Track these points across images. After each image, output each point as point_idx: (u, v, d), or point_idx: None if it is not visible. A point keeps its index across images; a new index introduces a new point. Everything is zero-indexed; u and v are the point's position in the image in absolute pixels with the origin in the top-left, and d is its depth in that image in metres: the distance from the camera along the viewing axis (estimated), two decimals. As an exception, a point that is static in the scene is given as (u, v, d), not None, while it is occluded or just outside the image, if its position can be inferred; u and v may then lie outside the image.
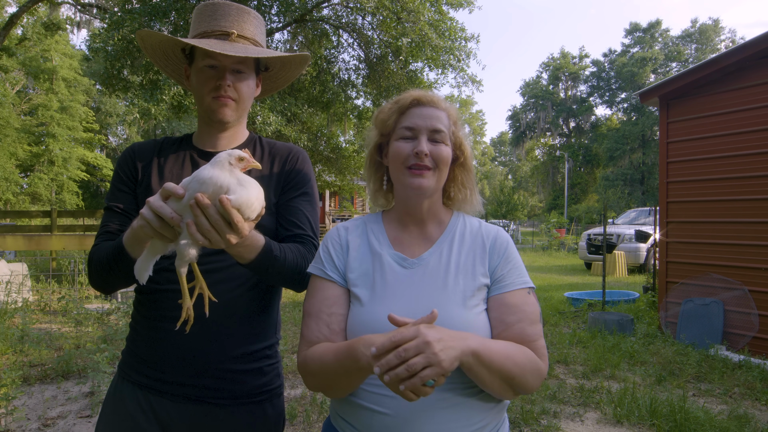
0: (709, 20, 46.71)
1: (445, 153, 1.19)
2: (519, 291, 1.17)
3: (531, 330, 1.14)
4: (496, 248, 1.22)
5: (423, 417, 1.06)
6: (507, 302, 1.16)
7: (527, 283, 1.20)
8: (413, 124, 1.20)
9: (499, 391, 1.07)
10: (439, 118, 1.20)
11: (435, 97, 1.24)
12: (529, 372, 1.08)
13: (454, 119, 1.25)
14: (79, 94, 33.12)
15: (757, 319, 5.17)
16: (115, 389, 1.37)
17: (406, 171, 1.18)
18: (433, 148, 1.18)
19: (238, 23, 1.36)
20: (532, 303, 1.18)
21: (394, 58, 10.28)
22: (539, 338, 1.15)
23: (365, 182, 1.36)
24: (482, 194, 1.38)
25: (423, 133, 1.19)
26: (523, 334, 1.12)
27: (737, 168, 5.49)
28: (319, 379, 1.13)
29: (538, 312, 1.19)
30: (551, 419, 3.69)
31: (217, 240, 0.98)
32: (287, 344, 5.48)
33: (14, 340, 4.98)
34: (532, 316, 1.16)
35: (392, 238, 1.24)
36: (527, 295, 1.18)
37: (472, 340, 1.00)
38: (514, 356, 1.07)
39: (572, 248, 22.15)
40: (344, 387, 1.10)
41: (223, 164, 0.99)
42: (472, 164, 1.29)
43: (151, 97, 8.98)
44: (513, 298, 1.16)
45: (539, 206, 56.74)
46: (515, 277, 1.19)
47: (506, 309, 1.15)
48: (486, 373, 1.02)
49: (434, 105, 1.22)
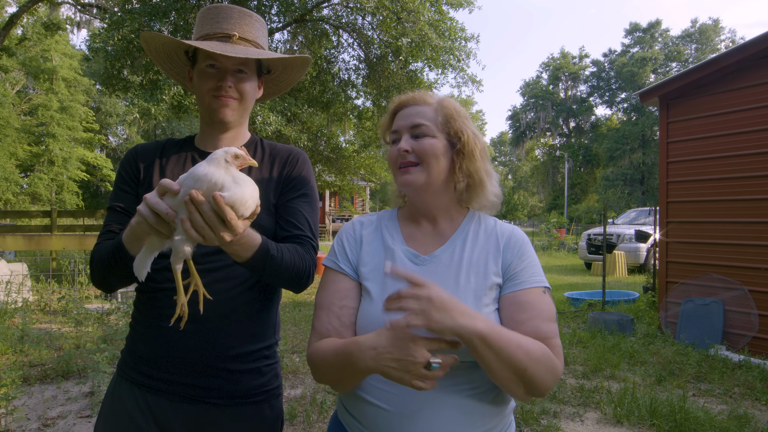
0: (709, 20, 46.73)
1: (427, 145, 1.18)
2: (533, 289, 1.14)
3: (546, 327, 1.09)
4: (510, 246, 1.20)
5: (427, 416, 1.06)
6: (519, 300, 1.13)
7: (542, 282, 1.16)
8: (397, 126, 1.24)
9: (508, 383, 1.02)
10: (420, 113, 1.21)
11: (418, 95, 1.25)
12: (543, 366, 1.03)
13: (448, 111, 1.22)
14: (79, 94, 33.13)
15: (757, 319, 5.17)
16: (113, 388, 1.38)
17: (397, 171, 1.22)
18: (414, 143, 1.19)
19: (240, 26, 1.37)
20: (546, 301, 1.14)
21: (394, 58, 10.28)
22: (554, 336, 1.10)
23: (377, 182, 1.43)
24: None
25: (404, 131, 1.22)
26: (537, 331, 1.07)
27: (737, 168, 5.49)
28: (322, 373, 1.15)
29: (554, 310, 1.15)
30: (551, 419, 3.69)
31: (211, 237, 0.98)
32: (287, 344, 5.48)
33: (14, 340, 4.98)
34: (546, 313, 1.12)
35: (405, 234, 1.25)
36: (542, 294, 1.14)
37: (481, 322, 0.98)
38: (527, 347, 1.02)
39: (572, 248, 22.14)
40: (346, 383, 1.11)
41: (219, 161, 1.00)
42: (479, 152, 1.22)
43: (151, 97, 8.98)
44: (526, 296, 1.13)
45: (539, 206, 56.71)
46: (529, 275, 1.16)
47: (518, 307, 1.12)
48: (494, 359, 0.98)
49: (416, 103, 1.24)
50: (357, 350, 1.02)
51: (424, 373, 0.93)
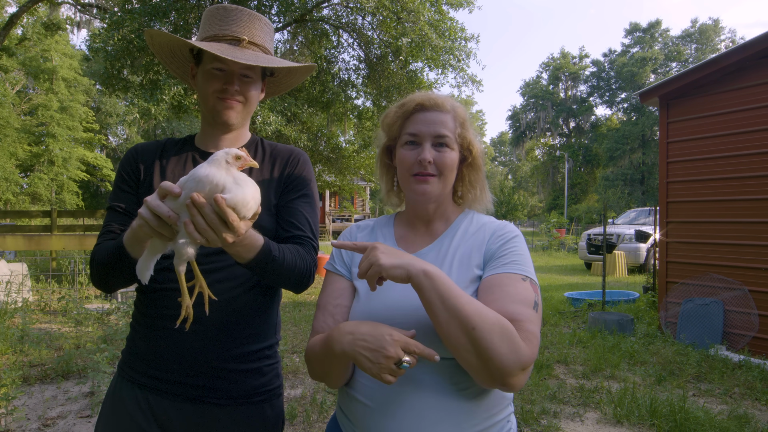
0: (709, 20, 46.76)
1: (449, 159, 1.18)
2: (511, 275, 1.08)
3: (514, 308, 1.02)
4: (495, 237, 1.17)
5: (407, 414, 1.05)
6: (493, 282, 1.07)
7: (523, 271, 1.09)
8: (417, 130, 1.19)
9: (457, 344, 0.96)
10: (443, 123, 1.19)
11: (439, 100, 1.22)
12: (498, 335, 0.94)
13: (461, 120, 1.22)
14: (79, 94, 33.12)
15: (757, 319, 5.17)
16: (114, 388, 1.38)
17: (411, 178, 1.19)
18: (437, 156, 1.17)
19: (249, 29, 1.37)
20: (524, 287, 1.06)
21: (394, 58, 10.28)
22: (527, 321, 1.01)
23: (378, 182, 1.38)
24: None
25: (427, 140, 1.18)
26: (504, 311, 1.00)
27: (737, 168, 5.49)
28: (312, 366, 1.16)
29: (531, 297, 1.06)
30: (551, 419, 3.69)
31: (213, 239, 0.98)
32: (287, 344, 5.48)
33: (14, 340, 4.98)
34: (519, 296, 1.04)
35: (398, 235, 1.26)
36: (520, 281, 1.07)
37: (429, 265, 1.00)
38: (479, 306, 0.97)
39: (572, 248, 22.15)
40: (330, 373, 1.12)
41: (220, 163, 0.99)
42: (482, 163, 1.27)
43: (151, 97, 8.98)
44: (500, 280, 1.07)
45: (539, 206, 56.69)
46: (509, 261, 1.10)
47: (490, 289, 1.07)
48: (440, 304, 0.95)
49: (438, 108, 1.20)
50: (336, 333, 1.04)
51: (393, 369, 0.94)
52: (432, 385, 1.05)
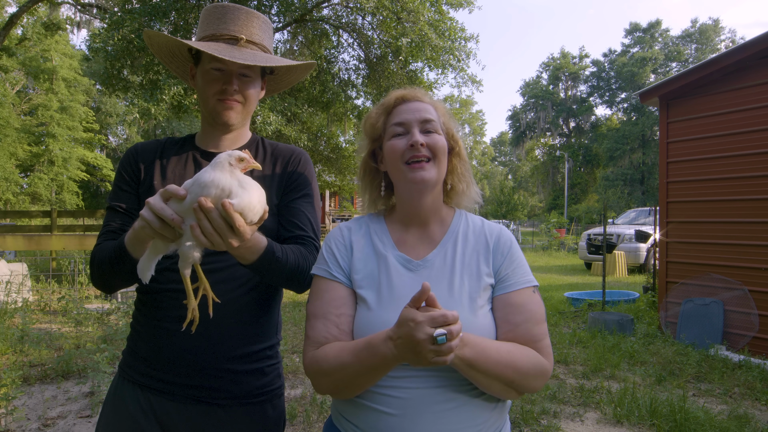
0: (709, 20, 46.80)
1: (440, 142, 1.19)
2: (524, 290, 1.17)
3: (537, 330, 1.14)
4: (499, 247, 1.21)
5: (429, 417, 1.06)
6: (512, 302, 1.15)
7: (531, 282, 1.19)
8: (403, 119, 1.20)
9: (499, 392, 1.09)
10: (426, 110, 1.21)
11: (418, 92, 1.25)
12: (532, 376, 1.09)
13: (442, 112, 1.25)
14: (79, 94, 33.13)
15: (757, 319, 5.17)
16: (115, 389, 1.37)
17: (405, 167, 1.17)
18: (427, 139, 1.17)
19: (247, 28, 1.36)
20: (537, 302, 1.17)
21: (394, 58, 10.28)
22: (544, 337, 1.15)
23: (360, 193, 1.34)
24: (482, 194, 1.38)
25: (414, 125, 1.18)
26: (529, 335, 1.12)
27: (737, 168, 5.49)
28: (333, 379, 1.10)
29: (543, 310, 1.19)
30: (551, 419, 3.69)
31: (219, 243, 0.98)
32: (287, 344, 5.48)
33: (14, 340, 4.98)
34: (538, 315, 1.16)
35: (396, 239, 1.23)
36: (532, 293, 1.18)
37: (468, 350, 1.00)
38: (515, 362, 1.07)
39: (572, 248, 22.14)
40: (362, 384, 1.07)
41: (224, 165, 0.99)
42: (465, 154, 1.29)
43: (151, 97, 8.98)
44: (518, 298, 1.15)
45: (539, 206, 56.73)
46: (519, 276, 1.18)
47: (511, 309, 1.14)
48: (483, 378, 1.04)
49: (419, 99, 1.23)
50: (380, 342, 1.00)
51: (433, 349, 0.91)
52: (453, 391, 1.07)
